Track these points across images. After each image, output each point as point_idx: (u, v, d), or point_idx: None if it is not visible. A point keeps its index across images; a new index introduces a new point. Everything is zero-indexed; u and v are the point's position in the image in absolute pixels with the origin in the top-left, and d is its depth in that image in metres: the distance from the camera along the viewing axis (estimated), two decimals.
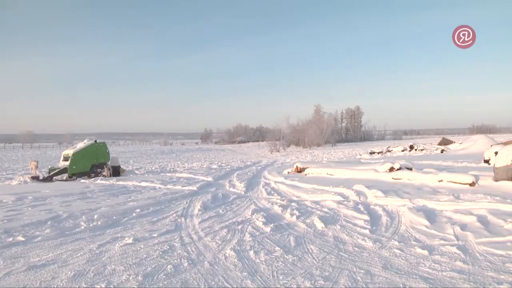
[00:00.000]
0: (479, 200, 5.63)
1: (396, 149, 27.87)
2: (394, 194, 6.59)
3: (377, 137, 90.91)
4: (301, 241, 4.24)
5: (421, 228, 4.58)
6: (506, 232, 4.09)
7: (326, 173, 10.62)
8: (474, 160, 13.78)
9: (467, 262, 3.32)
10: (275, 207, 6.17)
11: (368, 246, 3.97)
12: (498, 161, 7.24)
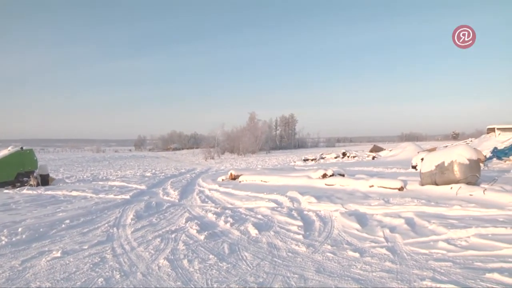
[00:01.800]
0: (407, 203, 7.45)
1: (329, 156, 35.20)
2: (327, 200, 8.38)
3: (311, 145, 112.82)
4: (235, 248, 5.18)
5: (353, 232, 5.87)
6: (429, 233, 5.53)
7: (260, 180, 13.16)
8: (403, 166, 17.99)
9: (395, 262, 4.45)
10: (209, 215, 7.59)
11: (302, 251, 4.97)
12: (424, 166, 9.64)
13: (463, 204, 7.18)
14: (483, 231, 5.32)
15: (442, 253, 4.64)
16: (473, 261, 4.28)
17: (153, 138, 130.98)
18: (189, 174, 20.70)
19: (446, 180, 8.99)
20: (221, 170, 23.93)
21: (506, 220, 6.06)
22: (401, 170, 15.90)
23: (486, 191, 7.87)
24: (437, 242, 5.09)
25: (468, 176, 8.87)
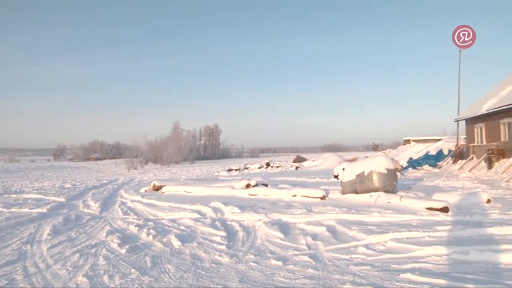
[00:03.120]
0: (328, 212, 8.13)
1: (253, 166, 36.63)
2: (250, 210, 8.88)
3: (235, 155, 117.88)
4: (158, 261, 5.28)
5: (276, 241, 6.23)
6: (350, 239, 6.07)
7: (183, 191, 13.68)
8: (325, 176, 19.49)
9: (318, 269, 4.84)
10: (131, 227, 7.72)
11: (225, 262, 5.20)
12: (345, 176, 10.56)
13: (381, 211, 8.03)
14: (399, 236, 6.01)
15: (362, 258, 5.15)
16: (390, 264, 4.82)
17: (73, 147, 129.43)
18: (111, 185, 20.89)
19: (366, 189, 9.88)
20: (144, 180, 24.53)
21: (419, 224, 6.92)
22: (324, 180, 17.32)
23: (402, 198, 8.84)
24: (357, 248, 5.61)
25: (386, 184, 9.83)
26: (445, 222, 7.12)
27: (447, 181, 15.35)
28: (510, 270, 4.41)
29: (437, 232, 6.21)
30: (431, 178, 17.07)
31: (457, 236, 6.00)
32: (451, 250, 5.13)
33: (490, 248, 5.20)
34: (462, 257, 4.91)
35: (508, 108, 19.01)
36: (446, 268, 4.54)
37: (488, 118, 22.05)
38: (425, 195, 9.95)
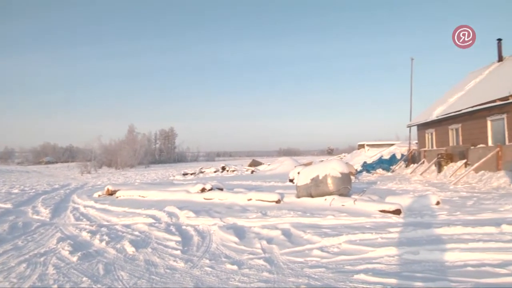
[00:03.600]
0: (283, 215, 8.33)
1: (208, 170, 37.26)
2: (205, 214, 9.01)
3: (191, 159, 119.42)
4: (111, 268, 5.21)
5: (231, 245, 6.31)
6: (305, 242, 6.24)
7: (138, 195, 13.87)
8: (280, 180, 20.01)
9: (273, 272, 4.94)
10: (84, 234, 7.65)
11: (180, 267, 5.21)
12: (300, 180, 10.89)
13: (335, 214, 8.32)
14: (353, 238, 6.24)
15: (316, 260, 5.30)
16: (344, 265, 5.00)
17: (22, 150, 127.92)
18: (63, 190, 20.95)
19: (320, 192, 10.16)
20: (98, 185, 24.46)
21: (372, 226, 7.23)
22: (279, 184, 17.80)
23: (356, 201, 9.19)
24: (311, 250, 5.78)
25: (341, 188, 10.16)
26: (397, 224, 7.46)
27: (400, 184, 16.02)
28: (455, 267, 4.71)
29: (390, 233, 6.50)
30: (384, 182, 17.75)
31: (408, 237, 6.30)
32: (403, 251, 5.39)
33: (438, 247, 5.51)
34: (413, 256, 5.18)
35: (456, 115, 20.13)
36: (397, 268, 4.77)
37: (438, 124, 23.23)
38: (379, 198, 10.38)
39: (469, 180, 16.15)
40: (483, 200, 10.38)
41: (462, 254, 5.11)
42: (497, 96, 16.17)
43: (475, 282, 4.14)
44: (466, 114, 19.20)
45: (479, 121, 18.26)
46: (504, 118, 16.25)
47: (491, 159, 16.12)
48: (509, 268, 4.57)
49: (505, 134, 16.17)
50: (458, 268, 4.67)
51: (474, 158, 17.53)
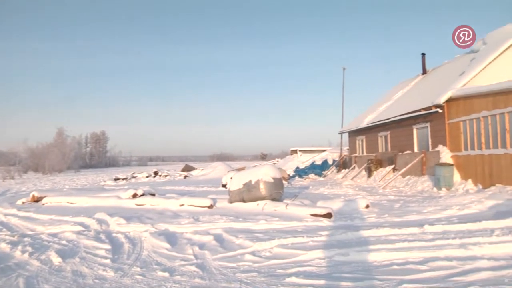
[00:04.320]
0: (216, 220, 8.36)
1: (141, 175, 36.74)
2: (137, 220, 8.83)
3: (123, 163, 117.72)
4: (34, 282, 4.87)
5: (163, 252, 6.21)
6: (237, 247, 6.29)
7: (66, 202, 13.37)
8: (213, 185, 20.23)
9: (205, 278, 4.94)
10: (3, 245, 7.04)
11: (110, 276, 5.03)
12: (232, 185, 11.00)
13: (268, 218, 8.47)
14: (284, 242, 6.39)
15: (249, 265, 5.36)
16: (276, 269, 5.10)
17: None
18: None
19: (253, 197, 10.32)
20: (23, 191, 23.15)
21: (304, 230, 7.44)
22: (212, 189, 17.92)
23: (288, 206, 9.41)
24: (244, 255, 5.84)
25: (273, 193, 10.37)
26: (328, 227, 7.75)
27: (331, 189, 16.60)
28: (382, 266, 5.00)
29: (321, 236, 6.74)
30: (316, 186, 18.30)
31: (339, 239, 6.57)
32: (333, 253, 5.62)
33: (367, 248, 5.80)
34: (343, 258, 5.41)
35: (385, 122, 21.34)
36: (328, 270, 4.95)
37: (368, 131, 24.42)
38: (310, 202, 10.71)
39: (396, 184, 17.19)
40: (409, 203, 11.07)
41: (389, 254, 5.44)
42: (422, 106, 17.36)
43: (400, 279, 4.43)
44: (394, 122, 20.43)
45: (406, 129, 19.48)
46: (428, 127, 17.48)
47: (417, 165, 17.25)
48: (429, 264, 4.99)
49: (429, 141, 17.39)
50: (385, 267, 4.96)
51: (402, 164, 18.67)
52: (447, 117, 16.07)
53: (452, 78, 17.34)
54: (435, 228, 6.99)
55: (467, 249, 5.57)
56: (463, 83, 15.79)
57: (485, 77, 15.82)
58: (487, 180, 13.53)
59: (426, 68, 25.03)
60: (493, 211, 8.83)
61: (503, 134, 12.88)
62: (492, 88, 13.26)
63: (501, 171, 12.94)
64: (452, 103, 15.73)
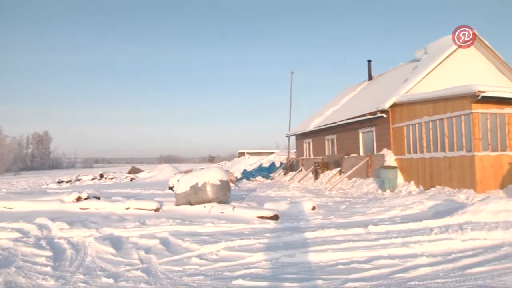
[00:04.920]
0: (162, 224, 8.26)
1: (86, 177, 35.75)
2: (80, 225, 8.55)
3: (67, 165, 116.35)
4: None
5: (107, 257, 6.03)
6: (183, 250, 6.25)
7: (3, 207, 12.45)
8: (160, 187, 19.99)
9: (150, 283, 4.87)
10: None
11: (50, 285, 4.78)
12: (179, 187, 10.95)
13: (214, 221, 8.49)
14: (231, 244, 6.42)
15: (195, 268, 5.34)
16: (222, 272, 5.12)
17: None
18: None
19: (200, 200, 10.30)
20: None
21: (251, 232, 7.52)
22: (159, 192, 17.70)
23: (235, 208, 9.48)
24: (190, 259, 5.81)
25: (220, 195, 10.41)
26: (275, 229, 7.86)
27: (278, 191, 16.83)
28: (328, 266, 5.16)
29: (268, 238, 6.82)
30: (263, 189, 18.49)
31: (285, 241, 6.69)
32: (280, 254, 5.71)
33: (313, 249, 5.95)
34: (289, 259, 5.51)
35: (331, 126, 21.93)
36: (274, 271, 5.02)
37: (315, 135, 24.95)
38: (257, 204, 10.81)
39: (343, 186, 17.70)
40: (354, 204, 11.45)
41: (334, 254, 5.62)
42: (367, 111, 18.01)
43: (345, 278, 4.58)
44: (341, 126, 21.03)
45: (352, 132, 20.11)
46: (373, 131, 18.17)
47: (362, 167, 17.85)
48: (373, 263, 5.22)
49: (374, 145, 18.07)
50: (330, 267, 5.12)
51: (347, 166, 19.23)
52: (391, 122, 16.78)
53: (396, 85, 18.18)
54: (379, 228, 7.30)
55: (408, 247, 5.90)
56: (406, 90, 16.61)
57: (427, 84, 16.78)
58: (428, 182, 14.29)
59: (372, 74, 26.04)
60: (433, 211, 9.35)
61: (442, 138, 13.66)
62: (433, 95, 14.03)
63: (440, 173, 13.71)
64: (396, 108, 16.46)
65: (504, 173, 12.52)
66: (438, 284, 4.36)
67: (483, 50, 18.65)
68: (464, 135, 12.74)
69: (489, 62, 18.98)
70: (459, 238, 6.32)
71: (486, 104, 12.46)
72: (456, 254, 5.63)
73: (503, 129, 12.69)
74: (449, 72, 17.49)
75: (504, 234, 6.45)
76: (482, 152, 12.34)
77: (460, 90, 12.70)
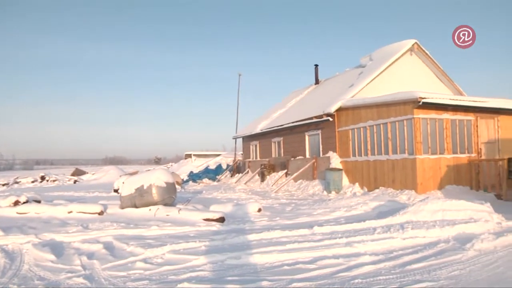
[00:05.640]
0: (106, 228, 8.08)
1: (25, 180, 34.04)
2: (17, 231, 8.07)
3: (4, 167, 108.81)
4: None
5: (47, 264, 5.74)
6: (128, 255, 6.12)
7: None
8: (105, 190, 19.52)
9: None
10: None
11: None
12: (124, 190, 10.69)
13: (160, 224, 8.42)
14: (177, 247, 6.38)
15: (140, 273, 5.25)
16: (167, 275, 5.07)
17: None
18: None
19: (145, 203, 10.14)
20: None
21: (196, 235, 7.52)
22: (103, 194, 17.25)
23: (181, 211, 9.45)
24: (134, 263, 5.70)
25: (166, 198, 10.30)
26: (221, 231, 7.89)
27: (225, 193, 16.84)
28: (274, 267, 5.25)
29: (213, 241, 6.83)
30: (210, 191, 18.44)
31: (231, 243, 6.73)
32: (225, 257, 5.73)
33: (259, 251, 6.03)
34: (235, 261, 5.54)
35: (278, 129, 22.25)
36: (220, 274, 5.04)
37: (262, 137, 25.22)
38: (203, 207, 10.82)
39: (289, 188, 18.01)
40: (300, 206, 11.68)
41: (280, 255, 5.72)
42: (314, 114, 18.48)
43: (290, 278, 4.68)
44: (288, 128, 21.40)
45: (299, 135, 20.52)
46: (319, 134, 18.65)
47: (308, 169, 18.23)
48: (318, 263, 5.38)
49: (320, 147, 18.54)
50: (275, 268, 5.21)
51: (294, 168, 19.57)
52: (337, 125, 17.28)
53: (342, 89, 18.81)
54: (324, 229, 7.52)
55: (352, 247, 6.14)
56: (352, 94, 17.19)
57: (372, 89, 17.47)
58: (372, 183, 14.85)
59: (318, 79, 26.68)
60: (376, 212, 9.74)
61: (386, 142, 14.24)
62: (377, 100, 14.60)
63: (384, 175, 14.29)
64: (342, 112, 16.97)
65: (442, 175, 13.27)
66: (380, 281, 4.59)
67: (423, 59, 19.81)
68: (407, 138, 13.38)
69: (429, 70, 20.18)
70: (400, 237, 6.68)
71: (427, 110, 13.16)
72: (397, 252, 5.95)
73: (441, 134, 13.46)
74: (393, 78, 18.37)
75: (440, 231, 6.93)
76: (423, 155, 13.01)
77: (403, 96, 13.32)
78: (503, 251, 5.88)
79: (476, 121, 14.14)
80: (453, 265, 5.23)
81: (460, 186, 13.39)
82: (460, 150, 13.83)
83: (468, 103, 13.59)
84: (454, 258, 5.57)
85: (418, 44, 19.22)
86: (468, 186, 13.61)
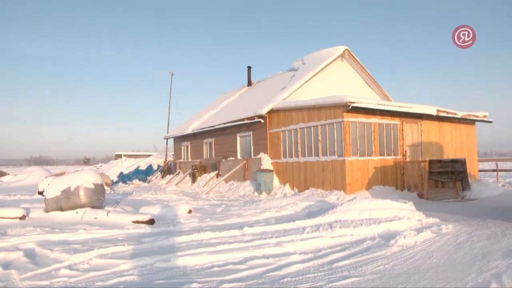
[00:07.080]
0: (28, 233, 7.52)
1: None
2: None
3: None
4: None
5: None
6: (52, 261, 5.78)
7: None
8: (28, 192, 18.33)
9: None
10: None
11: None
12: (49, 192, 10.12)
13: (87, 227, 8.08)
14: (104, 251, 6.17)
15: (64, 280, 4.99)
16: (94, 281, 4.89)
17: None
18: None
19: (72, 205, 9.69)
20: None
21: (126, 238, 7.33)
22: (26, 197, 16.20)
23: (110, 213, 9.13)
24: (59, 270, 5.40)
25: (94, 200, 9.90)
26: (150, 233, 7.76)
27: (155, 195, 16.52)
28: (204, 269, 5.27)
29: (143, 244, 6.71)
30: (140, 192, 18.02)
31: (160, 245, 6.64)
32: (155, 259, 5.65)
33: (189, 253, 6.01)
34: (165, 264, 5.49)
35: (210, 130, 22.24)
36: (149, 277, 4.96)
37: (194, 138, 25.08)
38: (133, 209, 10.54)
39: (220, 189, 18.03)
40: (231, 207, 11.73)
41: (210, 257, 5.75)
42: (246, 115, 18.64)
43: (220, 280, 4.72)
44: (219, 129, 21.43)
45: (230, 136, 20.62)
46: (251, 135, 18.85)
47: (239, 170, 18.36)
48: (248, 263, 5.48)
49: (252, 148, 18.74)
50: (206, 270, 5.23)
51: (225, 170, 19.64)
52: (268, 127, 17.56)
53: (274, 92, 19.14)
54: (254, 230, 7.63)
55: (282, 247, 6.31)
56: (284, 97, 17.55)
57: (303, 92, 17.96)
58: (302, 184, 15.24)
59: (251, 80, 26.95)
60: (306, 212, 10.02)
61: (316, 144, 14.69)
62: (308, 103, 15.02)
63: (314, 176, 14.72)
64: (273, 114, 17.26)
65: (369, 176, 13.92)
66: (308, 278, 4.76)
67: (354, 65, 20.74)
68: (336, 141, 13.90)
69: (359, 76, 21.16)
70: (329, 236, 6.98)
71: (356, 114, 13.75)
72: (326, 250, 6.21)
73: (369, 137, 14.12)
74: (324, 82, 19.02)
75: (367, 229, 7.32)
76: (351, 157, 13.56)
77: (333, 100, 13.81)
78: (422, 246, 6.39)
79: (401, 125, 15.03)
80: (378, 260, 5.57)
81: (387, 186, 14.19)
82: (387, 152, 14.63)
83: (395, 108, 14.42)
84: (379, 254, 5.94)
85: (349, 50, 20.09)
86: (394, 186, 14.45)
